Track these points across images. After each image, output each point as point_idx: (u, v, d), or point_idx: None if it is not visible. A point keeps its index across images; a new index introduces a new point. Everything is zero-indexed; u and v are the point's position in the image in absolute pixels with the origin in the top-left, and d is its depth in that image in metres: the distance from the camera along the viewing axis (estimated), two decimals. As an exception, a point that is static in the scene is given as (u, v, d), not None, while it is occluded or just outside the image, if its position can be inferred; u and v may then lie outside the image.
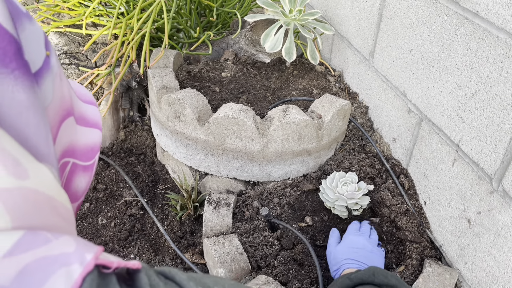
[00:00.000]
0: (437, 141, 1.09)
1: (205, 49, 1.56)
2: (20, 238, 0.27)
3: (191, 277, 0.35)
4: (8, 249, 0.26)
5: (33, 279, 0.26)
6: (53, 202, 0.32)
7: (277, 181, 1.25)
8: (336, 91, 1.49)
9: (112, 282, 0.30)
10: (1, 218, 0.27)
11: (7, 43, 0.30)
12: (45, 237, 0.28)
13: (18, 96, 0.31)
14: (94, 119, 0.45)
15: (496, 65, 0.86)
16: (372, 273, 0.72)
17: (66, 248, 0.29)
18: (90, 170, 0.44)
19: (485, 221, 0.95)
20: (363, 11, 1.36)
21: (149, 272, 0.34)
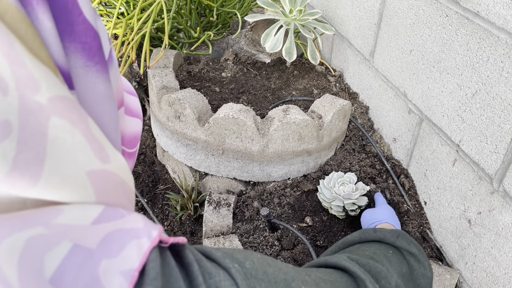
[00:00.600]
0: (438, 141, 1.09)
1: (205, 49, 1.56)
2: (103, 210, 0.31)
3: (225, 254, 0.39)
4: (95, 218, 0.30)
5: (112, 247, 0.30)
6: (125, 185, 0.36)
7: (277, 181, 1.25)
8: (337, 91, 1.49)
9: (168, 256, 0.35)
10: (89, 194, 0.31)
11: (93, 39, 0.33)
12: (120, 212, 0.33)
13: (99, 87, 0.35)
14: (136, 109, 0.49)
15: (496, 65, 0.86)
16: (397, 236, 0.72)
17: (136, 224, 0.33)
18: (133, 157, 0.50)
19: (485, 222, 0.94)
20: (363, 11, 1.35)
21: (191, 249, 0.38)
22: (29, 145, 0.27)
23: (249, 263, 0.40)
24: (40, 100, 0.28)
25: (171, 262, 0.34)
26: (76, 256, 0.28)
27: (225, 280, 0.36)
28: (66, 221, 0.28)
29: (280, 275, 0.44)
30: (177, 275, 0.34)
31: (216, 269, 0.37)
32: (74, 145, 0.30)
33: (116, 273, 0.29)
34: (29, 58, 0.28)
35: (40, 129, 0.28)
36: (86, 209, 0.30)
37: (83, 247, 0.28)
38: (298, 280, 0.46)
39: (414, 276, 0.69)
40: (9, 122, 0.26)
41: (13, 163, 0.26)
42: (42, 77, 0.28)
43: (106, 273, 0.28)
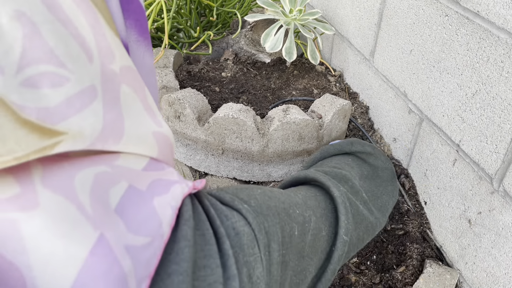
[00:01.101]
0: (438, 141, 1.09)
1: (205, 49, 1.56)
2: (149, 160, 0.35)
3: (232, 197, 0.44)
4: (144, 166, 0.34)
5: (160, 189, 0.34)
6: (172, 148, 0.40)
7: (277, 181, 1.25)
8: (337, 91, 1.48)
9: (196, 203, 0.39)
10: (154, 149, 0.35)
11: (142, 17, 0.37)
12: (161, 165, 0.36)
13: (146, 61, 0.39)
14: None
15: (496, 65, 0.86)
16: (351, 143, 0.80)
17: (173, 176, 0.37)
18: None
19: (485, 222, 0.94)
20: (363, 11, 1.35)
21: (205, 194, 0.42)
22: (111, 106, 0.31)
23: (254, 201, 0.44)
24: (114, 68, 0.31)
25: (199, 207, 0.39)
26: (132, 194, 0.31)
27: (239, 221, 0.40)
28: (124, 164, 0.32)
29: (280, 205, 0.48)
30: (205, 219, 0.38)
31: (231, 211, 0.41)
32: (138, 110, 0.34)
33: (168, 206, 0.33)
34: (108, 30, 0.32)
35: (115, 94, 0.31)
36: (137, 157, 0.34)
37: (136, 188, 0.32)
38: (293, 205, 0.52)
39: (378, 172, 0.77)
40: (95, 86, 0.29)
41: (104, 121, 0.30)
42: (116, 48, 0.32)
43: (160, 205, 0.32)
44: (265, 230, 0.42)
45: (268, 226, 0.43)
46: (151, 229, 0.31)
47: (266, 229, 0.43)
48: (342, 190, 0.63)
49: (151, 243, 0.30)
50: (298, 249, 0.49)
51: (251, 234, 0.40)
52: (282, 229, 0.46)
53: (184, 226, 0.34)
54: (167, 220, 0.32)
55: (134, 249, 0.29)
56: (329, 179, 0.64)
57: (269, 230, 0.43)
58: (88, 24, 0.29)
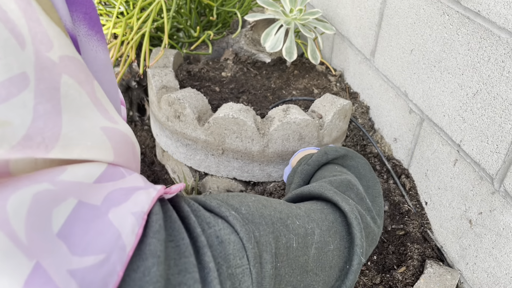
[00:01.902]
0: (439, 141, 1.08)
1: (205, 49, 1.56)
2: (105, 169, 0.32)
3: (220, 202, 0.40)
4: (97, 176, 0.31)
5: (118, 199, 0.30)
6: (134, 148, 0.37)
7: (277, 181, 1.25)
8: (337, 91, 1.48)
9: (169, 209, 0.35)
10: (109, 151, 0.32)
11: (92, 10, 0.36)
12: (121, 172, 0.33)
13: (99, 56, 0.37)
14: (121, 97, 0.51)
15: (497, 65, 0.85)
16: (325, 152, 0.76)
17: (138, 183, 0.33)
18: None
19: (486, 222, 0.94)
20: (364, 11, 1.35)
21: (187, 200, 0.39)
22: (45, 97, 0.28)
23: (245, 208, 0.41)
24: (52, 57, 0.29)
25: (173, 215, 0.35)
26: (82, 211, 0.28)
27: (224, 228, 0.37)
28: (70, 178, 0.29)
29: (276, 214, 0.44)
30: (180, 228, 0.34)
31: (215, 218, 0.37)
32: (83, 104, 0.31)
33: (128, 214, 0.30)
34: (44, 16, 0.30)
35: (54, 84, 0.29)
36: (88, 168, 0.31)
37: (87, 203, 0.29)
38: (292, 216, 0.48)
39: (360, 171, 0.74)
40: (26, 74, 0.27)
41: (34, 112, 0.27)
42: (55, 36, 0.30)
43: (117, 216, 0.29)
44: (255, 239, 0.39)
45: (259, 235, 0.40)
46: (105, 245, 0.28)
47: (257, 238, 0.39)
48: (351, 203, 0.59)
49: (106, 260, 0.27)
50: (299, 263, 0.46)
51: (239, 243, 0.37)
52: (276, 240, 0.42)
53: (152, 239, 0.30)
54: (128, 229, 0.29)
55: (82, 271, 0.26)
56: (335, 193, 0.60)
57: (260, 239, 0.40)
58: (20, 8, 0.28)
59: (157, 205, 0.33)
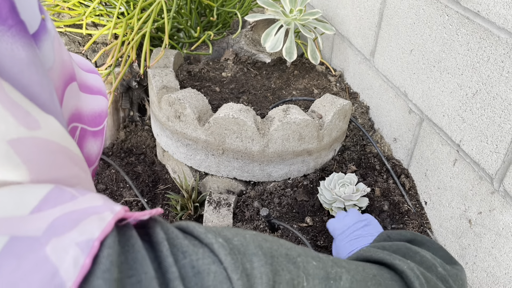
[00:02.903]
0: (438, 141, 1.09)
1: (205, 49, 1.56)
2: (46, 194, 0.27)
3: (209, 230, 0.35)
4: (36, 205, 0.26)
5: (64, 226, 0.26)
6: (67, 152, 0.32)
7: (277, 181, 1.25)
8: (337, 91, 1.48)
9: (133, 237, 0.30)
10: (18, 170, 0.27)
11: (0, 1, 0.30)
12: (70, 194, 0.29)
13: (18, 54, 0.31)
14: (97, 86, 0.46)
15: (497, 65, 0.86)
16: (387, 235, 0.68)
17: (94, 202, 0.29)
18: (100, 135, 0.46)
19: (486, 222, 0.94)
20: (363, 11, 1.35)
21: (166, 226, 0.34)
22: None
23: (238, 239, 0.35)
24: None
25: (137, 243, 0.30)
26: (15, 247, 0.24)
27: (204, 258, 0.32)
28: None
29: (281, 249, 0.38)
30: (143, 259, 0.29)
31: (194, 247, 0.33)
32: None
33: (71, 245, 0.25)
34: None
35: None
36: (23, 195, 0.26)
37: (24, 237, 0.25)
38: (307, 256, 0.40)
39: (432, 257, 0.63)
40: None
41: None
42: None
43: (56, 249, 0.25)
44: (245, 271, 0.33)
45: (251, 267, 0.34)
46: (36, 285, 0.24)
47: (247, 270, 0.33)
48: (411, 264, 0.50)
49: None
50: None
51: (222, 274, 0.32)
52: (275, 273, 0.36)
53: (98, 281, 0.25)
54: (68, 263, 0.25)
55: None
56: (390, 254, 0.52)
57: (252, 272, 0.34)
58: None
59: (113, 235, 0.28)
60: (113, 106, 1.57)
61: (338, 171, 1.26)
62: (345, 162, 1.30)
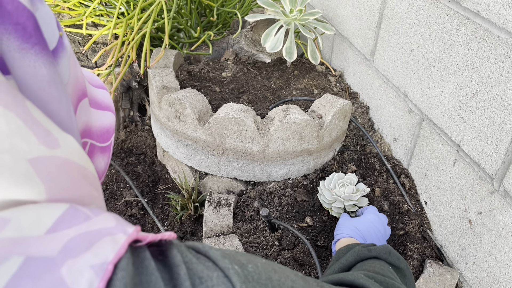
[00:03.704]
0: (438, 141, 1.09)
1: (205, 49, 1.56)
2: (61, 215, 0.27)
3: (225, 254, 0.35)
4: (51, 226, 0.27)
5: (79, 247, 0.26)
6: (84, 171, 0.32)
7: (277, 181, 1.25)
8: (337, 91, 1.48)
9: (146, 259, 0.30)
10: (36, 188, 0.28)
11: (26, 19, 0.31)
12: (85, 214, 0.29)
13: (40, 71, 0.32)
14: (106, 102, 0.47)
15: (497, 65, 0.86)
16: (388, 252, 0.75)
17: (107, 223, 0.29)
18: (107, 151, 0.47)
19: (486, 221, 0.94)
20: (363, 11, 1.35)
21: (181, 249, 0.34)
22: None
23: (252, 267, 0.36)
24: None
25: (151, 265, 0.30)
26: (31, 267, 0.24)
27: (218, 284, 0.32)
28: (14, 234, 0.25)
29: (287, 282, 0.39)
30: (157, 281, 0.29)
31: (210, 271, 0.33)
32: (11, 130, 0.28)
33: (86, 268, 0.26)
34: None
35: None
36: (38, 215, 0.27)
37: (39, 257, 0.25)
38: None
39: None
40: None
41: None
42: None
43: (71, 271, 0.25)
44: None
45: None
46: None
47: None
48: None
49: None
50: None
51: None
52: None
53: None
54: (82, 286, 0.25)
55: None
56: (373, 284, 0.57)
57: None
58: None
59: (126, 257, 0.28)
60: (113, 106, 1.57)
61: (338, 171, 1.26)
62: (345, 162, 1.30)
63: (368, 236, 0.92)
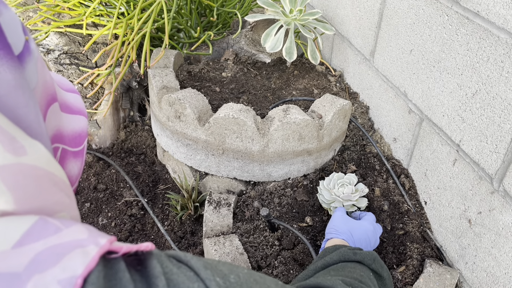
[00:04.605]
0: (438, 141, 1.09)
1: (205, 49, 1.56)
2: (29, 228, 0.27)
3: (207, 265, 0.34)
4: (18, 240, 0.26)
5: (47, 262, 0.26)
6: (53, 177, 0.31)
7: (277, 181, 1.25)
8: (337, 91, 1.49)
9: (120, 270, 0.29)
10: (3, 197, 0.27)
11: None
12: (55, 226, 0.28)
13: (5, 76, 0.31)
14: (77, 106, 0.45)
15: (496, 65, 0.86)
16: (373, 259, 0.76)
17: (79, 235, 0.28)
18: (80, 156, 0.45)
19: (485, 221, 0.94)
20: (363, 11, 1.35)
21: (161, 259, 0.33)
22: None
23: (234, 277, 0.36)
24: None
25: (125, 277, 0.29)
26: None
27: None
28: None
29: None
30: None
31: (191, 282, 0.32)
32: None
33: (53, 283, 0.25)
34: None
35: None
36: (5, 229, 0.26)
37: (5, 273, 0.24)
38: None
39: None
40: None
41: None
42: None
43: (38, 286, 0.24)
44: None
45: None
46: None
47: None
48: None
49: None
50: None
51: None
52: None
53: None
54: None
55: None
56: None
57: None
58: None
59: (97, 270, 0.27)
60: (114, 106, 1.57)
61: (338, 171, 1.26)
62: (345, 162, 1.30)
63: (358, 243, 0.93)
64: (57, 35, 1.51)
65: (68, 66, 1.50)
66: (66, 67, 1.49)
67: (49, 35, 1.50)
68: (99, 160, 1.51)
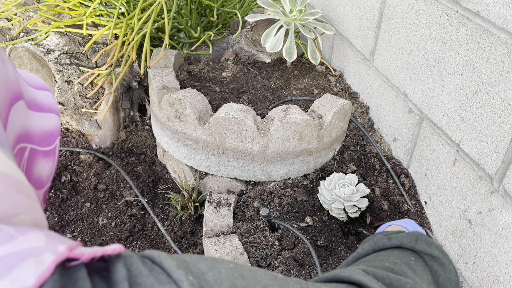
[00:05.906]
0: (438, 141, 1.09)
1: (205, 49, 1.56)
2: None
3: (180, 264, 0.32)
4: None
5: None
6: (9, 179, 0.29)
7: (277, 181, 1.25)
8: (337, 91, 1.49)
9: (80, 278, 0.27)
10: None
11: None
12: (8, 234, 0.26)
13: None
14: (48, 104, 0.43)
15: (496, 65, 0.86)
16: (416, 239, 0.62)
17: (35, 243, 0.26)
18: (52, 155, 0.43)
19: (486, 221, 0.95)
20: (363, 11, 1.35)
21: (130, 260, 0.31)
22: None
23: (213, 275, 0.33)
24: None
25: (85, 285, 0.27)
26: None
27: None
28: None
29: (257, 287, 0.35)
30: None
31: (161, 285, 0.30)
32: None
33: None
34: None
35: None
36: None
37: None
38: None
39: (440, 283, 0.60)
40: None
41: None
42: None
43: None
44: None
45: None
46: None
47: None
48: None
49: None
50: None
51: None
52: None
53: None
54: None
55: None
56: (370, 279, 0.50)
57: None
58: None
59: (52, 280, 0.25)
60: (114, 106, 1.57)
61: (338, 171, 1.26)
62: (345, 162, 1.30)
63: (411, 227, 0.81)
64: (57, 35, 1.51)
65: (68, 66, 1.50)
66: (66, 67, 1.49)
67: (49, 35, 1.50)
68: (99, 160, 1.51)
